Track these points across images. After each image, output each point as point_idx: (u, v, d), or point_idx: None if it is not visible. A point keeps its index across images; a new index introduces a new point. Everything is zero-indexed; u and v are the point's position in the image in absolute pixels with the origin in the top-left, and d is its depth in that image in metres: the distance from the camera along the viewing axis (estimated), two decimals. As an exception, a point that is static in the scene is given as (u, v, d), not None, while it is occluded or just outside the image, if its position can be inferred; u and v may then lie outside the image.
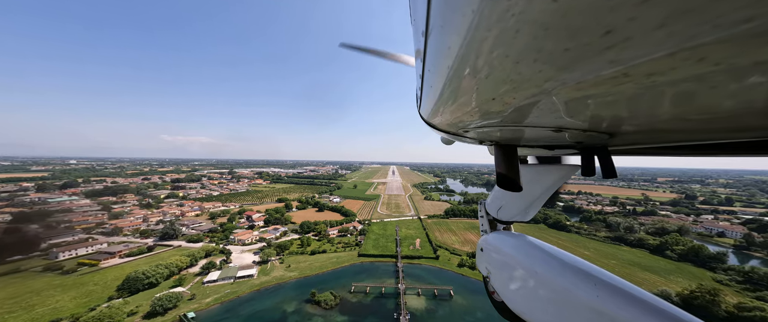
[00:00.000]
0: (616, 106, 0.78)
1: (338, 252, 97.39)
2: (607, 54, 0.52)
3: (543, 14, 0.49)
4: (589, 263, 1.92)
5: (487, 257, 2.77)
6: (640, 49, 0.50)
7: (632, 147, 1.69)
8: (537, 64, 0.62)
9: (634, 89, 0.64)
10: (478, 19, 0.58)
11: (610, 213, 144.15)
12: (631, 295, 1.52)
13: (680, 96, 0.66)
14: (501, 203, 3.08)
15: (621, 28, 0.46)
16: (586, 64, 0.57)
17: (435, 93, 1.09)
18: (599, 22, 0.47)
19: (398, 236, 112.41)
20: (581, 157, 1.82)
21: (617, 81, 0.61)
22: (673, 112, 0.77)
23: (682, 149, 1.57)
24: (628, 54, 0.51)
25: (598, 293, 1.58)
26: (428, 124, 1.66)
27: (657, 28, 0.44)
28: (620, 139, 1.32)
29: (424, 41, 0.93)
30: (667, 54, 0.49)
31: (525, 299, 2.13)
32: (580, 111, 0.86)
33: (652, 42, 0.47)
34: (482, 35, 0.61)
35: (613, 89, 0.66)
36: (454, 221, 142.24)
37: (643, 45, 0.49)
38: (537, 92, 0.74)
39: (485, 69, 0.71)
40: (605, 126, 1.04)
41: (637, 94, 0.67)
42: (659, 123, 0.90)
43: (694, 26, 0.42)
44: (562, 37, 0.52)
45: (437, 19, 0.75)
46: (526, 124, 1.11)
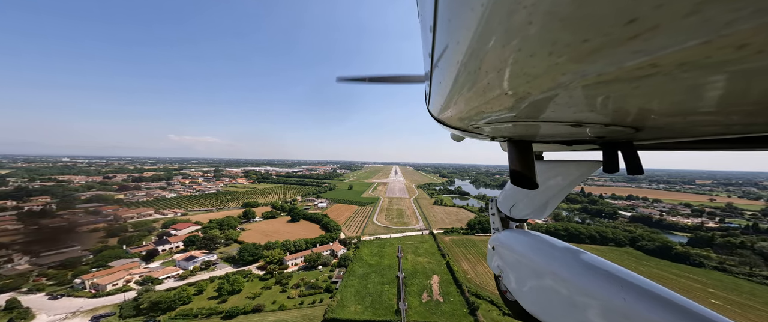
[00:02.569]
0: (643, 98, 0.72)
1: (292, 309, 52.92)
2: (632, 44, 0.48)
3: (558, 4, 0.46)
4: (612, 262, 1.82)
5: (499, 255, 2.71)
6: (669, 38, 0.45)
7: (661, 141, 1.59)
8: (553, 57, 0.57)
9: (664, 80, 0.59)
10: (488, 12, 0.55)
11: (717, 229, 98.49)
12: (662, 297, 1.42)
13: (718, 86, 0.59)
14: (514, 200, 3.00)
15: (647, 16, 0.42)
16: (608, 56, 0.53)
17: (444, 89, 1.05)
18: (622, 11, 0.43)
19: (402, 272, 67.83)
20: (603, 153, 1.76)
21: (644, 72, 0.56)
22: (710, 104, 0.70)
23: (716, 143, 1.48)
24: (655, 43, 0.47)
25: (625, 295, 1.48)
26: (438, 120, 1.61)
27: (689, 14, 0.40)
28: (647, 134, 1.23)
29: (432, 37, 0.89)
30: (701, 42, 0.44)
31: (541, 299, 2.05)
32: (602, 105, 0.80)
33: (683, 30, 0.43)
34: (492, 29, 0.58)
35: (640, 81, 0.60)
36: (484, 239, 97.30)
37: (673, 33, 0.44)
38: (553, 86, 0.69)
39: (496, 63, 0.68)
40: (631, 120, 0.97)
41: (667, 85, 0.61)
42: (693, 115, 0.83)
43: (733, 12, 0.38)
44: (580, 28, 0.48)
45: (445, 14, 0.72)
46: (541, 120, 1.05)
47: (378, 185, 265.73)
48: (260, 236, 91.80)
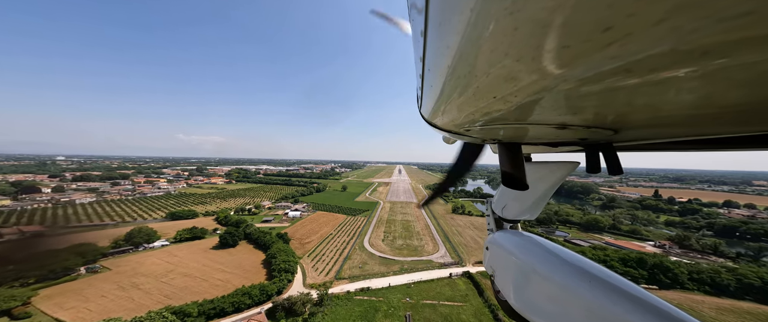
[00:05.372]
0: (619, 101, 0.75)
1: None
2: (608, 50, 0.50)
3: (541, 12, 0.47)
4: (591, 261, 1.91)
5: (491, 255, 2.83)
6: (641, 45, 0.48)
7: (637, 143, 1.66)
8: (536, 62, 0.59)
9: (638, 84, 0.62)
10: (476, 18, 0.56)
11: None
12: (632, 295, 1.50)
13: (686, 90, 0.63)
14: (505, 201, 3.10)
15: (620, 25, 0.44)
16: (587, 61, 0.55)
17: (435, 93, 1.07)
18: (598, 19, 0.45)
19: None
20: (586, 154, 1.81)
21: (620, 77, 0.59)
22: (679, 106, 0.74)
23: (688, 144, 1.55)
24: (629, 50, 0.49)
25: (597, 293, 1.57)
26: (430, 123, 1.63)
27: (657, 23, 0.42)
28: (625, 135, 1.28)
29: (423, 41, 0.91)
30: (669, 49, 0.47)
31: (525, 296, 2.13)
32: (583, 107, 0.84)
33: (653, 37, 0.45)
34: (481, 34, 0.59)
35: (616, 85, 0.64)
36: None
37: (645, 41, 0.47)
38: (538, 90, 0.71)
39: (485, 68, 0.69)
40: (609, 122, 1.02)
41: (640, 89, 0.65)
42: (665, 118, 0.88)
43: (696, 21, 0.40)
44: (560, 35, 0.50)
45: (436, 18, 0.73)
46: (529, 122, 1.08)
47: (378, 186, 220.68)
48: (124, 288, 47.31)
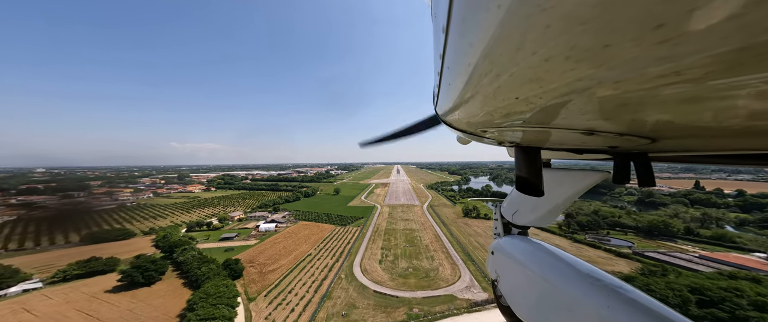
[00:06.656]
0: (662, 108, 0.66)
1: None
2: (657, 50, 0.44)
3: (580, 7, 0.43)
4: (603, 271, 1.81)
5: (496, 260, 2.75)
6: (699, 45, 0.41)
7: (676, 154, 1.52)
8: (569, 62, 0.54)
9: (688, 90, 0.54)
10: (505, 14, 0.53)
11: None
12: (643, 306, 1.43)
13: (747, 98, 0.54)
14: (517, 206, 2.95)
15: (676, 21, 0.39)
16: (630, 62, 0.49)
17: (454, 91, 1.02)
18: (649, 15, 0.39)
19: None
20: (614, 163, 1.68)
21: (667, 80, 0.52)
22: (737, 117, 0.64)
23: (738, 159, 1.42)
24: (683, 50, 0.43)
25: (608, 302, 1.49)
26: (445, 122, 1.57)
27: (726, 19, 0.36)
28: (663, 145, 1.16)
29: (444, 37, 0.88)
30: (735, 49, 0.40)
31: (530, 304, 2.06)
32: (618, 113, 0.75)
33: (717, 36, 0.39)
34: (508, 31, 0.55)
35: (661, 89, 0.56)
36: None
37: (705, 40, 0.40)
38: (567, 92, 0.65)
39: (510, 67, 0.65)
40: (647, 130, 0.93)
41: (691, 95, 0.56)
42: (717, 129, 0.77)
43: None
44: (602, 33, 0.45)
45: (459, 15, 0.69)
46: (552, 126, 1.01)
47: (376, 188, 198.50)
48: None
